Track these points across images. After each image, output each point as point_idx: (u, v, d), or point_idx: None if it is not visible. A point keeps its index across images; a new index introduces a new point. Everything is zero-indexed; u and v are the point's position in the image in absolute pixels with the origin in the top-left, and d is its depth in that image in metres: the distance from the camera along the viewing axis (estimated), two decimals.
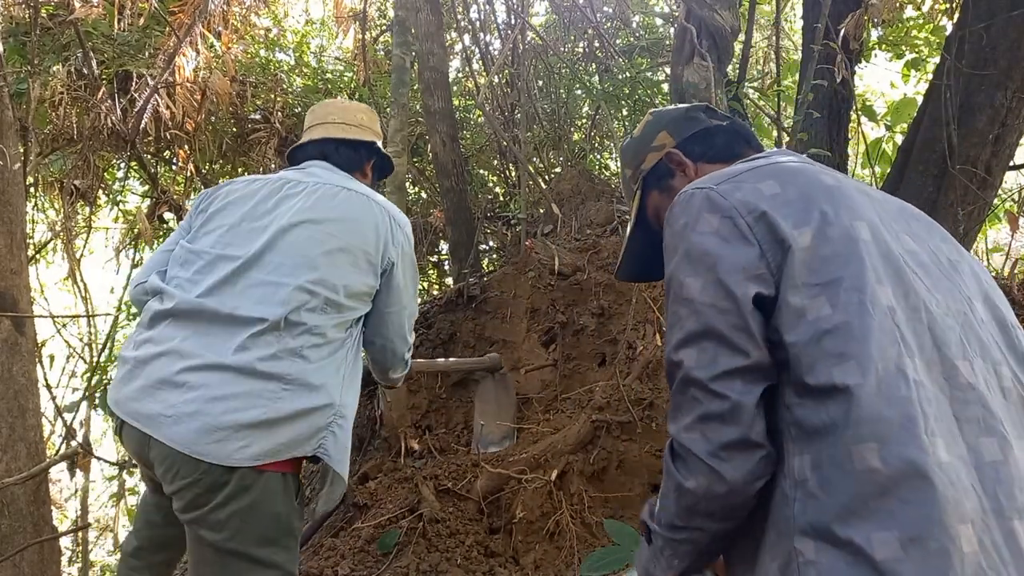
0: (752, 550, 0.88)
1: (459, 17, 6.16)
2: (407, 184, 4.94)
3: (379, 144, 1.99)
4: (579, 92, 6.03)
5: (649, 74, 5.73)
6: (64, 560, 4.64)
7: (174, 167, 5.79)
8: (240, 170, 5.51)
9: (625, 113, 5.79)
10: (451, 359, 3.40)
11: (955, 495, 0.75)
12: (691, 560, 0.96)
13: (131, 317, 5.62)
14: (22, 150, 3.43)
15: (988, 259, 4.41)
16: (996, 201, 3.92)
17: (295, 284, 1.58)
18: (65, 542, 5.27)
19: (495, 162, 6.07)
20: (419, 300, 5.57)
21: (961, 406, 0.81)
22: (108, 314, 5.72)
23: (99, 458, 3.74)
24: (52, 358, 5.39)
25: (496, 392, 3.11)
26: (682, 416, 0.90)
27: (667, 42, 5.97)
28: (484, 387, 3.15)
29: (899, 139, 5.05)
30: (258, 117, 5.35)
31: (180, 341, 1.54)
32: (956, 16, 3.39)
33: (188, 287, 1.61)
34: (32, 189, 5.27)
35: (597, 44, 6.20)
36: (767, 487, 0.87)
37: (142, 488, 1.84)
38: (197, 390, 1.48)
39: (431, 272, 6.22)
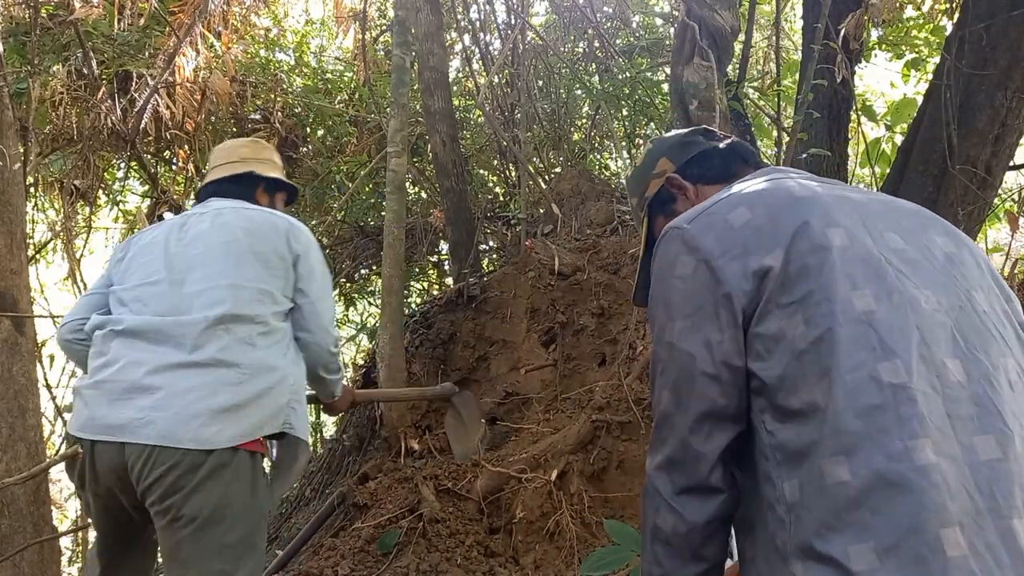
0: None
1: (459, 17, 6.16)
2: (407, 184, 4.94)
3: (259, 171, 2.13)
4: (579, 92, 6.03)
5: (649, 74, 5.73)
6: (64, 560, 4.64)
7: (174, 167, 5.79)
8: None
9: (625, 113, 5.79)
10: (403, 389, 3.24)
11: (937, 499, 0.74)
12: None
13: None
14: (22, 150, 3.43)
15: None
16: (996, 201, 3.92)
17: (227, 283, 1.76)
18: (65, 542, 5.27)
19: (495, 162, 6.07)
20: (418, 301, 5.57)
21: (954, 404, 0.80)
22: None
23: None
24: (52, 358, 5.39)
25: (460, 415, 2.98)
26: (655, 455, 0.97)
27: (667, 42, 5.96)
28: (449, 415, 3.03)
29: (899, 139, 5.05)
30: (258, 117, 5.35)
31: (138, 352, 1.68)
32: (956, 16, 3.39)
33: (136, 310, 1.77)
34: (32, 189, 5.27)
35: (597, 44, 6.20)
36: (762, 515, 0.87)
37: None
38: (164, 389, 1.61)
39: (431, 272, 6.22)
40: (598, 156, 6.40)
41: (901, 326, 0.83)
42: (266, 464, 1.82)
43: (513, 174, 5.71)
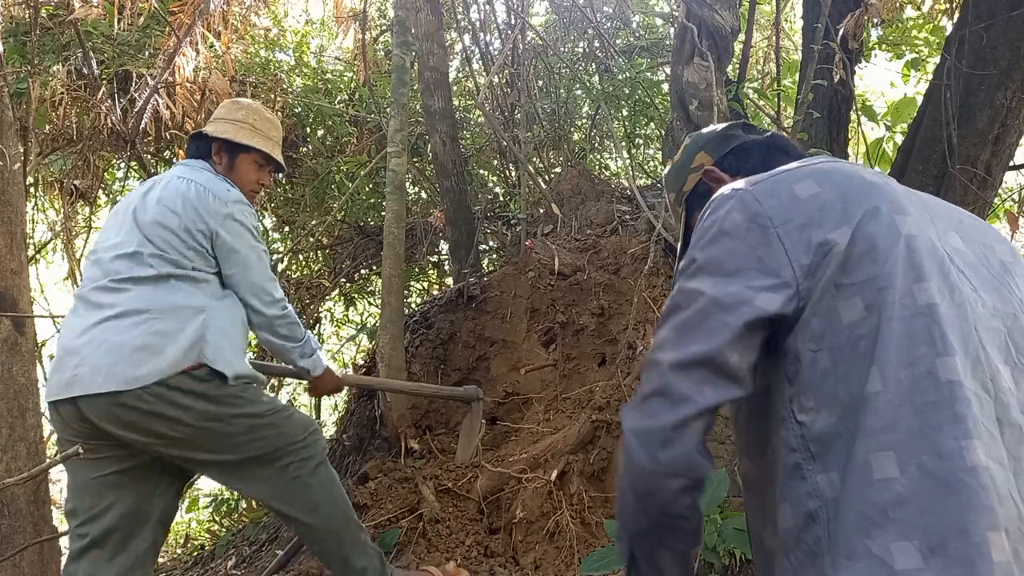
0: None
1: (459, 17, 6.16)
2: (407, 184, 4.94)
3: (215, 131, 2.27)
4: (579, 92, 6.03)
5: (649, 74, 5.73)
6: (64, 560, 4.64)
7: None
8: None
9: (625, 113, 5.79)
10: (429, 386, 3.28)
11: (986, 501, 0.72)
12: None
13: None
14: (22, 150, 3.42)
15: None
16: (996, 201, 3.92)
17: (137, 247, 1.98)
18: (65, 542, 5.27)
19: (495, 162, 6.07)
20: (418, 301, 5.55)
21: (1003, 410, 0.78)
22: None
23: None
24: (52, 358, 5.39)
25: (472, 420, 3.02)
26: (635, 396, 0.90)
27: (667, 42, 5.96)
28: (467, 419, 3.05)
29: (899, 139, 5.05)
30: None
31: (72, 319, 1.96)
32: (956, 16, 3.39)
33: (82, 286, 2.04)
34: (32, 189, 5.27)
35: (597, 44, 6.20)
36: (787, 508, 0.83)
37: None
38: (91, 343, 1.86)
39: (431, 272, 6.22)
40: (598, 156, 6.39)
41: (961, 324, 0.80)
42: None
43: (513, 174, 5.71)
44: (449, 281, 5.25)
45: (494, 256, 5.33)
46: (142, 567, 1.95)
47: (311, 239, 5.70)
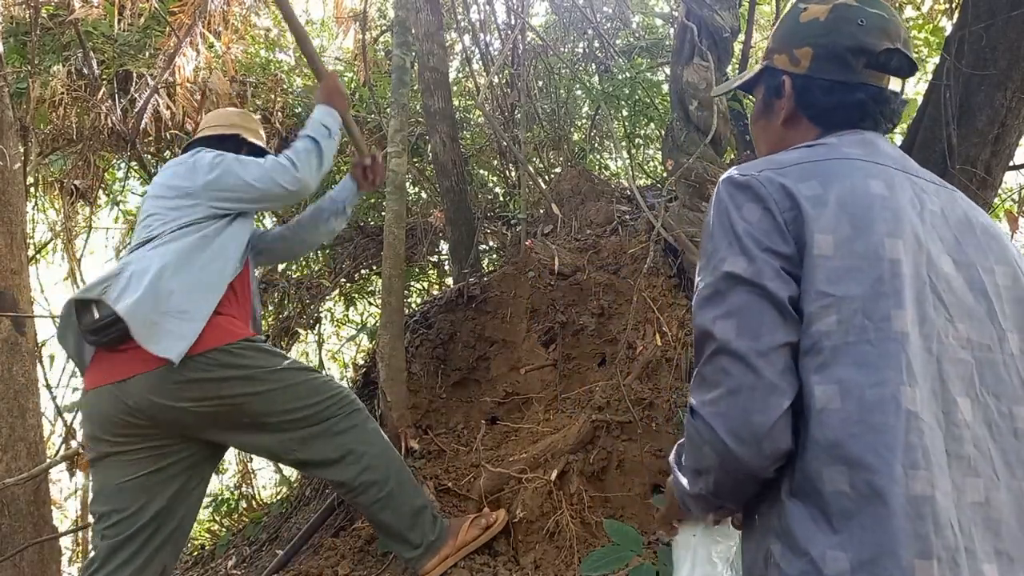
0: (750, 533, 0.93)
1: (459, 17, 6.16)
2: (407, 184, 4.94)
3: (246, 137, 2.39)
4: (579, 92, 6.03)
5: (649, 74, 5.73)
6: (64, 560, 4.64)
7: None
8: None
9: (625, 113, 5.79)
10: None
11: (920, 530, 0.76)
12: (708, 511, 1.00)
13: None
14: (22, 150, 3.43)
15: None
16: (996, 201, 3.92)
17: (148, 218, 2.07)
18: (65, 542, 5.27)
19: (495, 162, 6.07)
20: (418, 301, 5.56)
21: (955, 443, 0.81)
22: None
23: None
24: (52, 358, 5.39)
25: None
26: (706, 391, 0.88)
27: (667, 42, 5.96)
28: None
29: (899, 139, 5.05)
30: (258, 117, 5.35)
31: None
32: (956, 16, 3.39)
33: None
34: (32, 189, 5.27)
35: (597, 44, 6.20)
36: (773, 484, 0.88)
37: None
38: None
39: (431, 272, 6.22)
40: (598, 156, 6.39)
41: (924, 356, 0.83)
42: None
43: (513, 174, 5.71)
44: (449, 281, 5.25)
45: (494, 256, 5.33)
46: (168, 563, 1.98)
47: None
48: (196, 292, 1.91)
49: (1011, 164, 3.37)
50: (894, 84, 1.08)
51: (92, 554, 1.92)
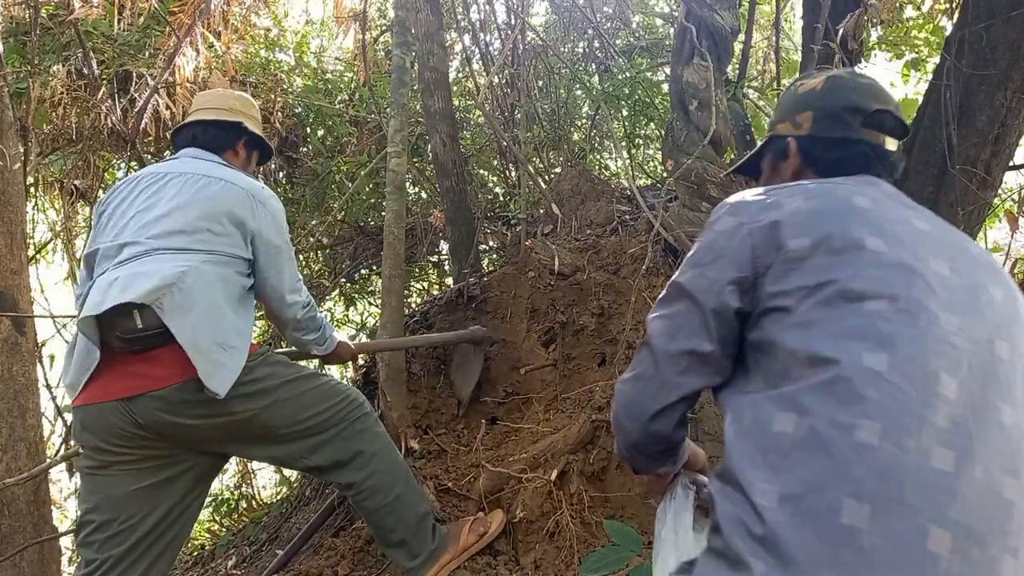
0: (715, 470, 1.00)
1: (459, 17, 6.16)
2: (407, 184, 4.94)
3: (249, 126, 2.26)
4: (579, 92, 6.03)
5: (649, 74, 5.73)
6: (64, 560, 4.64)
7: None
8: None
9: (625, 113, 5.78)
10: (436, 334, 3.52)
11: (857, 473, 0.79)
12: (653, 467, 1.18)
13: None
14: (22, 150, 3.42)
15: None
16: (996, 201, 3.92)
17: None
18: (65, 542, 5.26)
19: (495, 162, 6.07)
20: (418, 301, 5.55)
21: (930, 411, 0.83)
22: None
23: None
24: (52, 358, 5.39)
25: (469, 357, 3.40)
26: (627, 372, 1.08)
27: (667, 42, 5.96)
28: (460, 353, 3.48)
29: None
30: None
31: None
32: (956, 16, 3.39)
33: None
34: (32, 189, 5.27)
35: (597, 44, 6.20)
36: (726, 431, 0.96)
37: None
38: None
39: (431, 272, 6.22)
40: (598, 156, 6.39)
41: (909, 329, 0.86)
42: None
43: (513, 174, 5.71)
44: (449, 281, 5.25)
45: (494, 256, 5.32)
46: (164, 571, 1.96)
47: (311, 239, 5.70)
48: (244, 333, 1.91)
49: (1011, 164, 3.37)
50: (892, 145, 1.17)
51: (87, 567, 1.86)
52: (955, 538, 0.78)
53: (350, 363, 3.62)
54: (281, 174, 5.97)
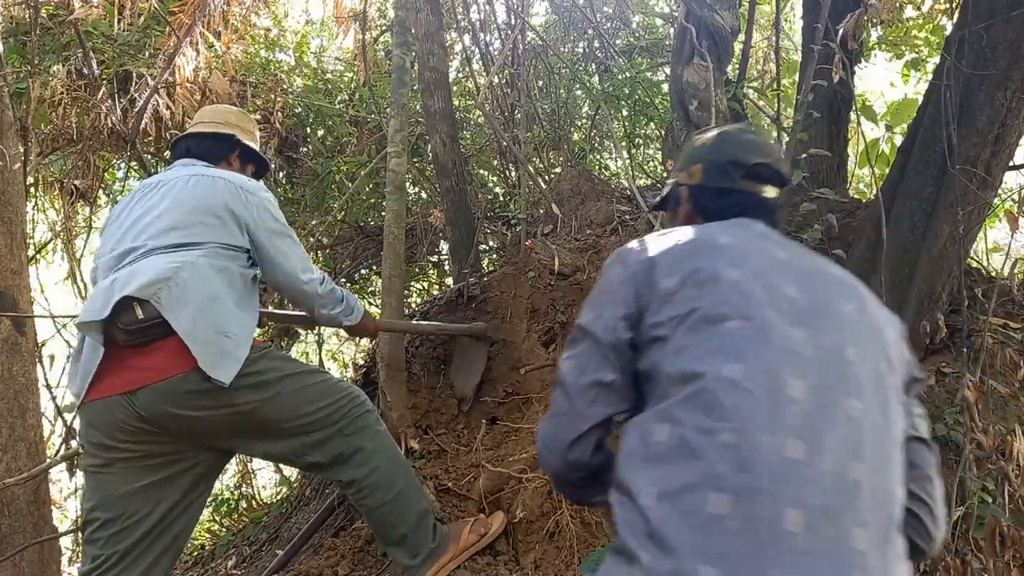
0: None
1: (459, 17, 6.16)
2: (407, 184, 4.94)
3: (242, 138, 2.33)
4: (579, 92, 6.03)
5: (649, 74, 5.73)
6: (64, 560, 4.64)
7: None
8: None
9: (625, 113, 5.79)
10: (436, 323, 3.55)
11: (719, 470, 0.92)
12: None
13: None
14: (22, 150, 3.43)
15: (988, 259, 4.42)
16: (996, 201, 3.92)
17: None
18: (65, 542, 5.27)
19: (495, 162, 6.07)
20: (418, 301, 5.56)
21: (780, 410, 0.95)
22: None
23: None
24: (52, 358, 5.39)
25: (469, 355, 3.42)
26: (548, 411, 1.21)
27: (667, 42, 5.97)
28: (461, 346, 3.49)
29: (899, 139, 5.05)
30: (258, 117, 5.35)
31: None
32: (956, 16, 3.39)
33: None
34: (32, 189, 5.27)
35: (597, 44, 6.20)
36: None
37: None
38: None
39: (431, 272, 6.22)
40: (598, 156, 6.39)
41: (760, 347, 1.00)
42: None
43: (513, 174, 5.71)
44: (449, 281, 5.25)
45: (494, 256, 5.33)
46: (168, 569, 1.97)
47: (311, 239, 5.70)
48: (246, 323, 1.94)
49: (1011, 164, 3.37)
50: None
51: (93, 562, 1.88)
52: (808, 517, 0.89)
53: (350, 363, 3.62)
54: (281, 174, 5.97)
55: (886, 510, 0.96)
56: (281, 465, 5.99)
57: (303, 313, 2.40)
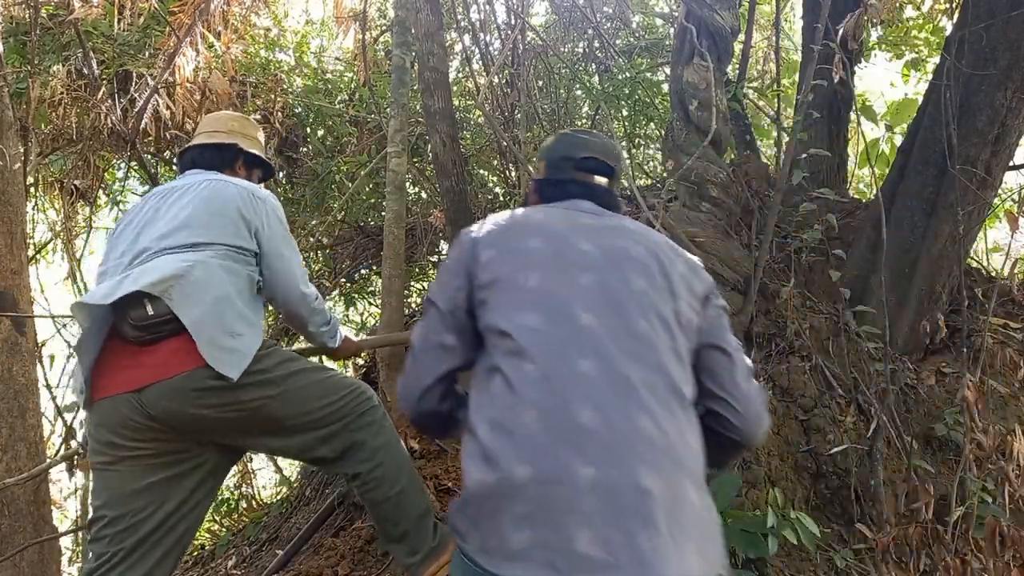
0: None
1: (459, 17, 6.16)
2: (407, 184, 4.94)
3: (244, 146, 2.34)
4: (579, 92, 6.03)
5: (649, 74, 5.73)
6: (64, 560, 4.64)
7: (174, 167, 5.79)
8: None
9: (625, 113, 5.79)
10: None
11: (531, 394, 1.15)
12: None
13: None
14: (22, 150, 3.43)
15: (988, 259, 4.42)
16: (996, 201, 3.92)
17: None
18: (65, 542, 5.27)
19: (495, 162, 6.07)
20: (418, 301, 5.55)
21: (574, 339, 1.19)
22: None
23: None
24: (52, 358, 5.40)
25: None
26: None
27: (667, 42, 5.97)
28: None
29: (899, 139, 5.05)
30: (258, 117, 5.36)
31: None
32: (956, 16, 3.39)
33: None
34: (32, 189, 5.27)
35: (597, 44, 6.20)
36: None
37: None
38: None
39: (431, 272, 6.22)
40: None
41: (551, 296, 1.24)
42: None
43: (513, 174, 5.71)
44: None
45: None
46: (172, 569, 1.97)
47: (311, 239, 5.70)
48: (254, 322, 1.96)
49: (1011, 164, 3.37)
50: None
51: (97, 560, 1.89)
52: (598, 412, 1.13)
53: (350, 363, 3.61)
54: (281, 174, 5.98)
55: (674, 396, 1.20)
56: (281, 464, 6.00)
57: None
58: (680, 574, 1.06)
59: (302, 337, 2.40)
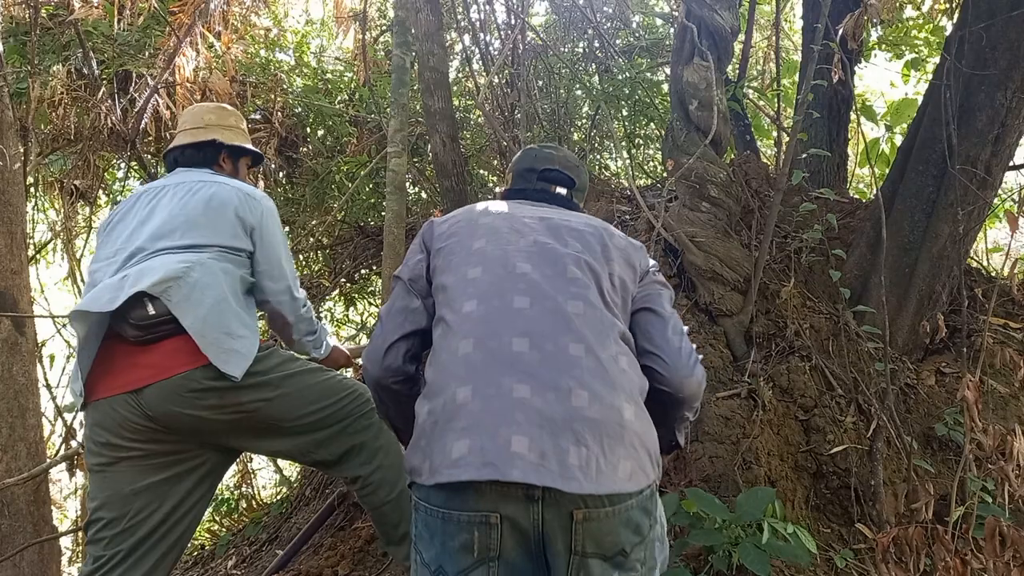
0: None
1: (459, 17, 6.15)
2: (407, 184, 4.94)
3: (224, 139, 2.30)
4: (579, 92, 6.03)
5: (649, 74, 5.73)
6: (64, 560, 4.64)
7: None
8: None
9: (625, 113, 5.79)
10: None
11: (468, 328, 1.34)
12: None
13: None
14: (22, 150, 3.43)
15: (988, 259, 4.42)
16: (996, 201, 3.92)
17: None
18: (65, 542, 5.27)
19: (495, 162, 6.07)
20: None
21: (511, 281, 1.38)
22: None
23: None
24: (52, 358, 5.40)
25: None
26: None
27: (667, 42, 5.97)
28: None
29: (899, 139, 5.05)
30: (258, 117, 5.35)
31: None
32: (956, 16, 3.39)
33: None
34: (32, 189, 5.28)
35: (597, 44, 6.20)
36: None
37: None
38: None
39: None
40: (598, 156, 6.39)
41: (496, 254, 1.44)
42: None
43: None
44: None
45: None
46: (170, 570, 1.97)
47: (311, 239, 5.70)
48: (250, 324, 1.96)
49: (1011, 164, 3.37)
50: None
51: (95, 563, 1.89)
52: (532, 340, 1.29)
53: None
54: (281, 174, 5.98)
55: (608, 328, 1.36)
56: (281, 464, 6.00)
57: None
58: (610, 486, 1.18)
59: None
